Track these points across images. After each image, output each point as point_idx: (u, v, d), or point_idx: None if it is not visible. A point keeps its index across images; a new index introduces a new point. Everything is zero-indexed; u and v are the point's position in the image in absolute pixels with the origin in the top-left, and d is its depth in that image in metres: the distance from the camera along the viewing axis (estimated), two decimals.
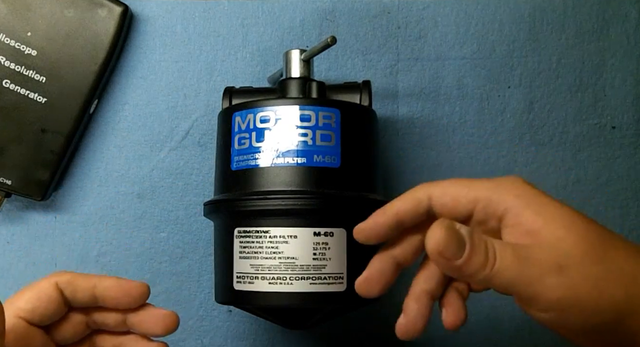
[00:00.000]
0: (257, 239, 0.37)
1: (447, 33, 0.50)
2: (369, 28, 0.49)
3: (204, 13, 0.49)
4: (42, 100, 0.46)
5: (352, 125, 0.39)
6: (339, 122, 0.39)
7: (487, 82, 0.50)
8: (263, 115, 0.39)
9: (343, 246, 0.37)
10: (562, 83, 0.51)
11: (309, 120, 0.38)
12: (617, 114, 0.51)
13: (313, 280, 0.37)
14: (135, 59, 0.49)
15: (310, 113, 0.38)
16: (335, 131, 0.39)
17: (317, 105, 0.39)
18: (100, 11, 0.46)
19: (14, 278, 0.49)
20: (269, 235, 0.37)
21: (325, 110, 0.39)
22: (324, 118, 0.38)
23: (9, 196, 0.47)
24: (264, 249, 0.37)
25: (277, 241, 0.37)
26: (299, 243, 0.37)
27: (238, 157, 0.39)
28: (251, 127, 0.39)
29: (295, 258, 0.37)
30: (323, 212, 0.37)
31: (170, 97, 0.49)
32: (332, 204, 0.37)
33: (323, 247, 0.37)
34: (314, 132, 0.38)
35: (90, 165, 0.49)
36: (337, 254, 0.37)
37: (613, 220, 0.52)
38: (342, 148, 0.39)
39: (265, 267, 0.37)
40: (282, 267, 0.37)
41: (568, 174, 0.51)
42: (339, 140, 0.39)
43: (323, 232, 0.37)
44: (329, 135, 0.38)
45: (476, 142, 0.50)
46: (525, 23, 0.50)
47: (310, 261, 0.37)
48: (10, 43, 0.45)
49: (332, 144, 0.38)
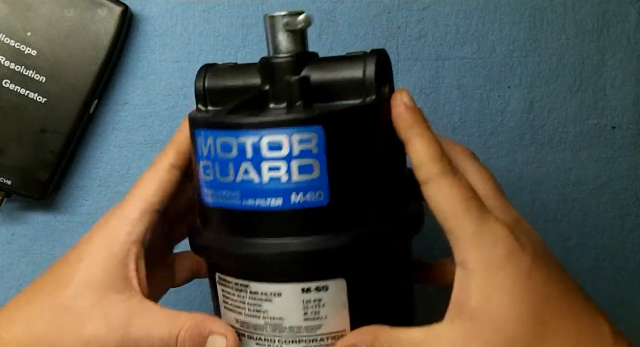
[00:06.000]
0: (237, 292, 0.31)
1: (447, 33, 0.50)
2: (369, 28, 0.49)
3: (204, 13, 0.49)
4: (42, 100, 0.46)
5: (343, 142, 0.29)
6: (323, 144, 0.28)
7: (487, 82, 0.50)
8: (224, 142, 0.29)
9: (343, 298, 0.30)
10: (562, 83, 0.51)
11: (279, 148, 0.28)
12: (617, 114, 0.51)
13: (306, 343, 0.30)
14: (135, 59, 0.49)
15: (281, 139, 0.28)
16: (319, 157, 0.28)
17: (290, 125, 0.28)
18: (100, 11, 0.46)
19: (14, 278, 0.49)
20: (249, 290, 0.30)
21: (302, 131, 0.28)
22: (300, 143, 0.28)
23: (9, 196, 0.47)
24: (246, 305, 0.31)
25: (260, 298, 0.30)
26: (284, 302, 0.30)
27: (207, 190, 0.31)
28: (212, 155, 0.29)
29: (282, 319, 0.30)
30: (310, 264, 0.29)
31: (170, 97, 0.49)
32: (320, 254, 0.29)
33: (315, 305, 0.30)
34: (289, 164, 0.28)
35: (90, 165, 0.49)
36: (335, 310, 0.30)
37: (613, 220, 0.52)
38: (331, 178, 0.28)
39: (251, 325, 0.31)
40: (268, 328, 0.30)
41: (568, 174, 0.51)
42: (325, 168, 0.28)
43: (314, 287, 0.29)
44: (309, 165, 0.28)
45: (476, 142, 0.50)
46: (525, 23, 0.50)
47: (301, 322, 0.30)
48: (10, 43, 0.45)
49: (314, 176, 0.28)
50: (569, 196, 0.51)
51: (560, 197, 0.52)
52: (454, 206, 0.29)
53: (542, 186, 0.51)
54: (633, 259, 0.53)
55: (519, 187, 0.51)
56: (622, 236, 0.52)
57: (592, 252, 0.52)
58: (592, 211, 0.52)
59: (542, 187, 0.51)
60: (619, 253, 0.52)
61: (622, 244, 0.52)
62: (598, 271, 0.52)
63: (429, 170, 0.29)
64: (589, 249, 0.52)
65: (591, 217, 0.52)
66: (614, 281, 0.53)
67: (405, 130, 0.30)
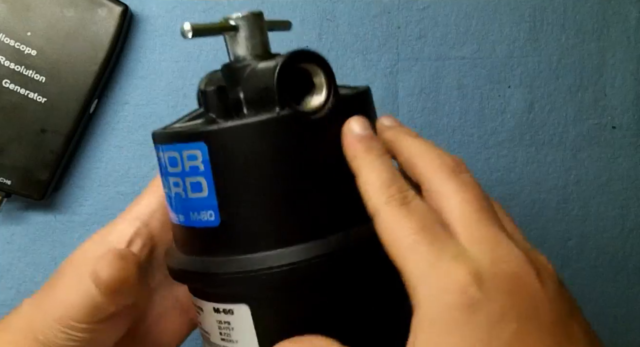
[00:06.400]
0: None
1: (447, 33, 0.50)
2: (369, 28, 0.49)
3: (204, 13, 0.49)
4: (42, 100, 0.46)
5: (231, 160, 0.26)
6: (208, 161, 0.26)
7: (487, 82, 0.50)
8: (157, 155, 0.30)
9: (249, 325, 0.27)
10: (562, 83, 0.51)
11: (175, 164, 0.27)
12: (618, 114, 0.51)
13: None
14: (135, 59, 0.49)
15: (175, 155, 0.27)
16: (206, 175, 0.26)
17: (179, 140, 0.27)
18: (100, 11, 0.46)
19: (14, 278, 0.49)
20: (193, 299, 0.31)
21: (189, 148, 0.26)
22: (189, 159, 0.26)
23: (8, 196, 0.47)
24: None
25: (197, 309, 0.30)
26: (206, 317, 0.29)
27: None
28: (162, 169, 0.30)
29: (209, 334, 0.30)
30: (209, 286, 0.28)
31: (170, 97, 0.49)
32: (211, 278, 0.27)
33: (226, 327, 0.28)
34: (184, 181, 0.27)
35: (90, 165, 0.49)
36: (243, 336, 0.28)
37: (613, 220, 0.52)
38: (220, 198, 0.26)
39: (204, 330, 0.31)
40: (204, 337, 0.31)
41: (568, 174, 0.51)
42: (212, 187, 0.26)
43: (221, 309, 0.28)
44: (198, 183, 0.27)
45: (476, 142, 0.50)
46: (525, 23, 0.50)
47: (219, 342, 0.29)
48: (10, 43, 0.45)
49: (203, 195, 0.27)
50: (569, 196, 0.51)
51: (560, 197, 0.52)
52: (399, 240, 0.23)
53: (542, 186, 0.51)
54: (633, 259, 0.53)
55: (519, 187, 0.51)
56: (622, 236, 0.52)
57: (592, 252, 0.52)
58: (592, 211, 0.52)
59: (542, 187, 0.51)
60: (619, 253, 0.52)
61: (622, 244, 0.52)
62: (598, 271, 0.52)
63: (375, 202, 0.25)
64: (589, 249, 0.52)
65: (591, 217, 0.52)
66: (614, 281, 0.53)
67: (351, 161, 0.26)
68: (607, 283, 0.52)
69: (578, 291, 0.53)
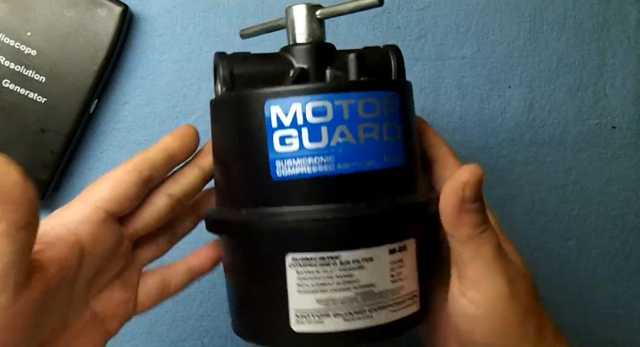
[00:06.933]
0: (323, 267, 0.29)
1: (447, 33, 0.50)
2: (369, 28, 0.49)
3: (204, 13, 0.49)
4: (42, 100, 0.46)
5: (409, 109, 0.32)
6: (400, 108, 0.31)
7: (487, 82, 0.50)
8: (316, 106, 0.29)
9: (414, 258, 0.31)
10: (562, 83, 0.51)
11: (372, 110, 0.30)
12: (618, 114, 0.51)
13: (393, 308, 0.30)
14: (135, 59, 0.49)
15: (374, 100, 0.30)
16: (398, 121, 0.31)
17: (379, 89, 0.30)
18: (100, 11, 0.46)
19: None
20: (339, 261, 0.29)
21: (388, 96, 0.31)
22: (387, 106, 0.30)
23: None
24: (334, 279, 0.29)
25: (350, 268, 0.29)
26: (375, 266, 0.30)
27: (282, 162, 0.30)
28: (300, 122, 0.29)
29: (373, 285, 0.30)
30: (398, 224, 0.31)
31: (170, 97, 0.49)
32: (407, 212, 0.30)
33: (399, 266, 0.31)
34: (380, 126, 0.30)
35: (90, 165, 0.49)
36: (411, 270, 0.31)
37: (613, 220, 0.52)
38: (406, 140, 0.31)
39: (338, 300, 0.30)
40: (359, 298, 0.30)
41: (567, 174, 0.51)
42: (402, 131, 0.31)
43: (398, 247, 0.31)
44: (393, 127, 0.31)
45: (476, 142, 0.50)
46: (525, 23, 0.50)
47: (389, 285, 0.30)
48: (10, 43, 0.45)
49: (397, 138, 0.31)
50: (569, 196, 0.51)
51: (560, 197, 0.52)
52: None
53: (542, 186, 0.51)
54: (633, 259, 0.53)
55: (519, 187, 0.51)
56: (622, 236, 0.52)
57: (592, 252, 0.52)
58: (592, 211, 0.52)
59: (542, 187, 0.51)
60: (619, 253, 0.52)
61: (622, 244, 0.52)
62: (598, 271, 0.52)
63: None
64: (589, 249, 0.52)
65: (591, 217, 0.52)
66: (614, 281, 0.53)
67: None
68: (607, 283, 0.52)
69: (578, 291, 0.53)
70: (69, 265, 0.29)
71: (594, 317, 0.53)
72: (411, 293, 0.31)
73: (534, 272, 0.33)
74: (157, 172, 0.34)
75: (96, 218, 0.31)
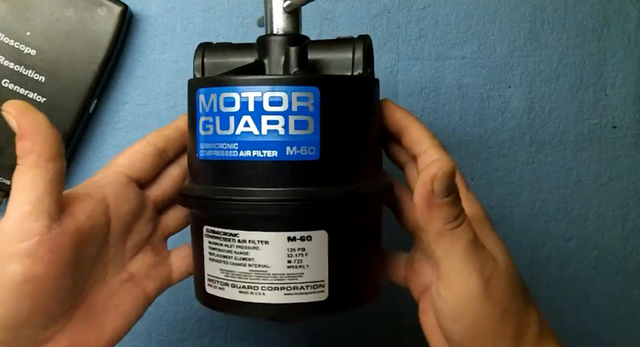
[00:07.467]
0: (225, 242, 0.33)
1: (447, 33, 0.50)
2: (369, 28, 0.49)
3: (204, 13, 0.49)
4: (42, 100, 0.46)
5: (336, 104, 0.33)
6: (319, 103, 0.32)
7: (487, 82, 0.50)
8: (227, 97, 0.32)
9: (324, 249, 0.32)
10: (562, 83, 0.51)
11: (279, 104, 0.32)
12: (618, 114, 0.51)
13: (288, 290, 0.32)
14: (135, 58, 0.49)
15: (282, 95, 0.32)
16: (314, 115, 0.32)
17: (291, 84, 0.32)
18: (100, 10, 0.46)
19: None
20: (237, 238, 0.33)
21: (301, 90, 0.32)
22: (298, 100, 0.32)
23: (8, 195, 0.47)
24: (232, 254, 0.33)
25: (247, 247, 0.33)
26: (270, 250, 0.32)
27: (204, 144, 0.34)
28: (215, 110, 0.33)
29: (267, 266, 0.32)
30: (299, 215, 0.32)
31: (170, 97, 0.49)
32: (308, 205, 0.32)
33: (299, 254, 0.32)
34: (286, 119, 0.32)
35: (90, 165, 0.49)
36: (316, 260, 0.32)
37: (613, 220, 0.52)
38: (323, 135, 0.32)
39: (235, 274, 0.33)
40: (252, 275, 0.32)
41: (568, 174, 0.51)
42: (318, 126, 0.32)
43: (299, 236, 0.32)
44: (304, 121, 0.32)
45: (476, 142, 0.50)
46: (525, 23, 0.50)
47: (284, 269, 0.32)
48: (10, 42, 0.45)
49: (309, 132, 0.32)
50: (569, 196, 0.51)
51: (561, 197, 0.52)
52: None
53: (542, 186, 0.51)
54: (633, 259, 0.53)
55: (519, 187, 0.51)
56: (622, 236, 0.52)
57: (593, 252, 0.52)
58: (592, 211, 0.52)
59: (542, 187, 0.51)
60: (620, 253, 0.52)
61: (623, 244, 0.52)
62: (598, 271, 0.52)
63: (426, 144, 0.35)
64: (589, 249, 0.52)
65: (591, 217, 0.52)
66: (615, 281, 0.53)
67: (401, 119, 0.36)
68: (607, 283, 0.52)
69: (578, 291, 0.53)
70: (96, 216, 0.32)
71: (594, 317, 0.53)
72: (314, 282, 0.33)
73: (534, 272, 0.33)
74: (171, 146, 0.37)
75: (119, 180, 0.34)
